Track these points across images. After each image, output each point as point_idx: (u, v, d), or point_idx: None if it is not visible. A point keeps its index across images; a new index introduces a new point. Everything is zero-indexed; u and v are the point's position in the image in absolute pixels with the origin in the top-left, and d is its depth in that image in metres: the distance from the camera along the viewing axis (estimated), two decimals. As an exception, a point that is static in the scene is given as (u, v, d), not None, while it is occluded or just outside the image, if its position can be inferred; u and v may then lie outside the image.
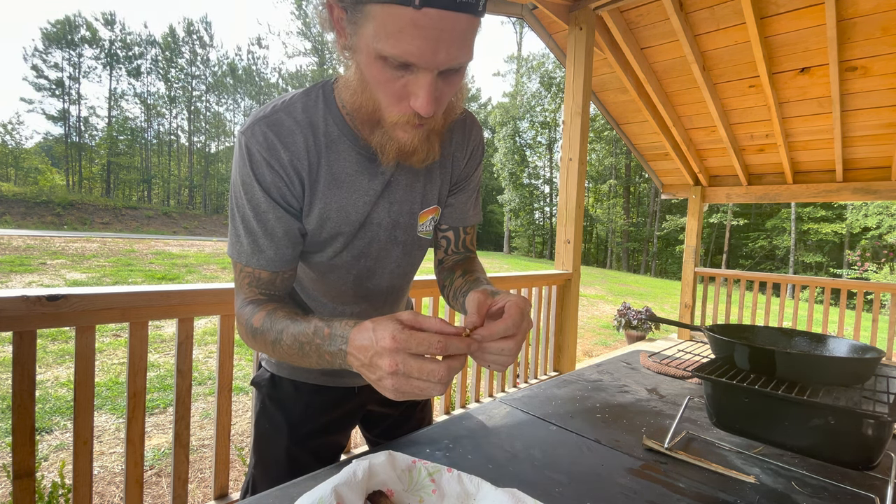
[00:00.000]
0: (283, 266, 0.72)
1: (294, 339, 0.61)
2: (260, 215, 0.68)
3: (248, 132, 0.66)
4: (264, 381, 0.89)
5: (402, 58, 0.53)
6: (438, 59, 0.53)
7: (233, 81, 40.09)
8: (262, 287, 0.72)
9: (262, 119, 0.67)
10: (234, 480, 2.22)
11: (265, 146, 0.66)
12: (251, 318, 0.68)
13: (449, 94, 0.61)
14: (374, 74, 0.57)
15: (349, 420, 0.95)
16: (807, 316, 4.47)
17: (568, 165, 3.14)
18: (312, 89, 0.71)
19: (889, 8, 2.80)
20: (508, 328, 0.56)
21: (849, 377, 0.69)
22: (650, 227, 30.91)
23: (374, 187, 0.73)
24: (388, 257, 0.80)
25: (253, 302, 0.71)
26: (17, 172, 32.77)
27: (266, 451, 0.87)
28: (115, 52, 35.11)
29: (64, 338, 4.29)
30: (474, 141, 0.84)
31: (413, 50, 0.52)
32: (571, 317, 3.20)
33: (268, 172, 0.67)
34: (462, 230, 0.89)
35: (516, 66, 35.52)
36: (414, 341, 0.49)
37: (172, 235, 21.68)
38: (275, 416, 0.87)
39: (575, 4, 3.09)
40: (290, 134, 0.67)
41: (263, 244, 0.69)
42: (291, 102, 0.69)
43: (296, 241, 0.72)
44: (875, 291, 4.22)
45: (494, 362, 0.58)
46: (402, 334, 0.50)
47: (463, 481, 0.57)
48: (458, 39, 0.53)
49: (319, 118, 0.69)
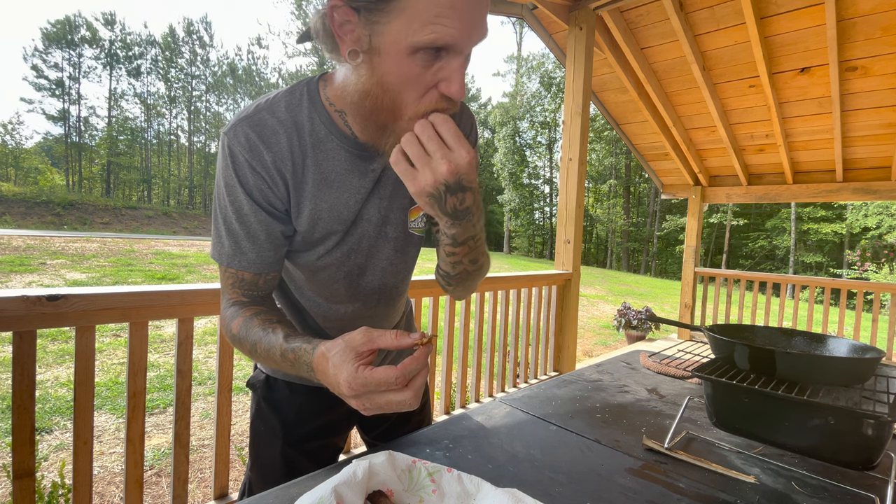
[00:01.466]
0: (264, 269, 0.71)
1: (267, 352, 0.63)
2: (242, 217, 0.67)
3: (230, 133, 0.65)
4: (259, 383, 0.89)
5: (441, 41, 0.53)
6: (474, 38, 0.55)
7: (233, 81, 40.09)
8: (245, 288, 0.72)
9: (244, 119, 0.66)
10: (233, 480, 2.22)
11: (247, 147, 0.65)
12: (231, 322, 0.69)
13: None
14: (404, 71, 0.56)
15: (345, 423, 0.93)
16: (807, 316, 4.47)
17: (568, 165, 3.14)
18: (296, 88, 0.70)
19: (889, 8, 2.80)
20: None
21: (849, 377, 0.69)
22: (650, 227, 30.91)
23: (365, 185, 0.72)
24: (380, 254, 0.79)
25: (235, 304, 0.71)
26: (17, 172, 32.76)
27: (261, 452, 0.87)
28: (115, 52, 35.12)
29: (64, 338, 4.29)
30: (464, 128, 0.80)
31: (453, 32, 0.52)
32: (571, 317, 3.20)
33: (250, 174, 0.66)
34: None
35: (516, 66, 35.53)
36: (372, 384, 0.50)
37: (172, 235, 21.68)
38: (270, 417, 0.87)
39: (575, 4, 3.09)
40: (274, 134, 0.66)
41: (245, 246, 0.69)
42: (274, 101, 0.68)
43: (278, 243, 0.71)
44: (875, 291, 4.22)
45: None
46: (357, 381, 0.50)
47: (463, 481, 0.57)
48: (483, 18, 0.55)
49: (304, 117, 0.68)
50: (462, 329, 2.51)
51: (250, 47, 59.51)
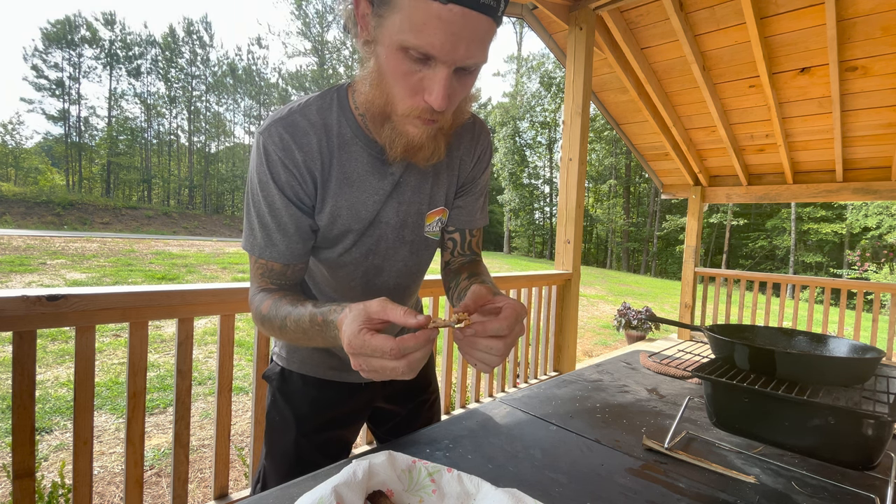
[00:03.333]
0: (293, 259, 0.75)
1: (296, 323, 0.66)
2: (274, 211, 0.72)
3: (265, 133, 0.70)
4: (275, 375, 0.93)
5: (423, 49, 0.55)
6: (457, 54, 0.56)
7: (233, 81, 40.09)
8: (274, 278, 0.76)
9: (279, 120, 0.70)
10: (233, 480, 2.22)
11: (281, 146, 0.69)
12: (260, 305, 0.72)
13: (461, 94, 0.63)
14: (393, 66, 0.59)
15: (357, 416, 0.96)
16: (807, 316, 4.47)
17: (568, 165, 3.14)
18: (328, 93, 0.75)
19: (889, 8, 2.79)
20: (502, 328, 0.57)
21: (849, 377, 0.69)
22: (650, 227, 30.90)
23: (384, 187, 0.76)
24: (396, 256, 0.83)
25: (264, 290, 0.75)
26: (17, 172, 32.75)
27: (276, 443, 0.90)
28: (115, 52, 35.08)
29: (64, 338, 4.29)
30: (482, 145, 0.87)
31: (435, 42, 0.54)
32: (571, 317, 3.20)
33: (283, 171, 0.70)
34: (468, 232, 0.91)
35: (516, 66, 35.51)
36: (368, 349, 0.52)
37: (172, 235, 21.68)
38: (284, 409, 0.90)
39: (575, 4, 3.09)
40: (305, 135, 0.71)
41: (276, 238, 0.73)
42: (307, 105, 0.72)
43: (306, 236, 0.75)
44: (875, 291, 4.22)
45: (481, 360, 0.59)
46: (356, 341, 0.52)
47: (463, 481, 0.57)
48: (477, 39, 0.56)
49: (333, 120, 0.72)
50: (462, 329, 2.50)
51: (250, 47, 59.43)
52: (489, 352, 0.57)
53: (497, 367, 0.60)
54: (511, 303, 0.60)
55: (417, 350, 0.53)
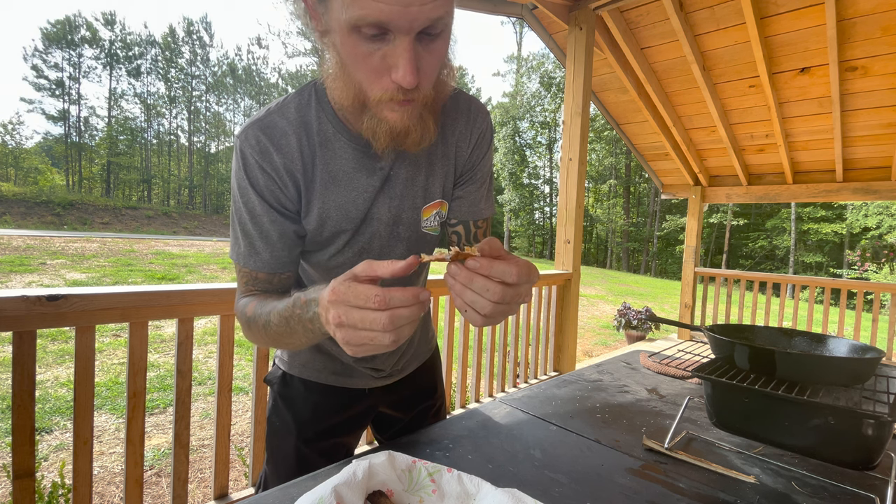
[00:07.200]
0: (278, 268, 0.72)
1: (280, 317, 0.61)
2: (255, 218, 0.68)
3: (242, 136, 0.67)
4: (276, 379, 0.90)
5: (371, 18, 0.49)
6: (411, 12, 0.49)
7: (233, 81, 40.11)
8: (260, 286, 0.73)
9: (255, 122, 0.67)
10: (233, 480, 2.22)
11: (258, 150, 0.66)
12: (245, 308, 0.70)
13: (433, 65, 0.57)
14: (350, 49, 0.54)
15: (359, 422, 0.93)
16: (807, 316, 4.46)
17: (568, 165, 3.14)
18: (305, 89, 0.71)
19: (889, 8, 2.79)
20: (510, 272, 0.49)
21: (849, 377, 0.69)
22: (650, 227, 30.90)
23: (373, 183, 0.72)
24: (392, 254, 0.78)
25: (248, 296, 0.73)
26: (17, 172, 32.75)
27: (277, 448, 0.88)
28: (115, 52, 35.12)
29: (64, 338, 4.29)
30: (480, 127, 0.79)
31: (382, 6, 0.48)
32: (571, 317, 3.20)
33: (261, 176, 0.67)
34: (473, 224, 0.84)
35: (516, 66, 35.51)
36: (351, 293, 0.47)
37: (172, 235, 21.68)
38: (285, 414, 0.88)
39: (575, 4, 3.09)
40: (284, 136, 0.67)
41: (259, 246, 0.70)
42: (285, 104, 0.69)
43: (292, 243, 0.72)
44: (875, 291, 4.22)
45: (472, 304, 0.50)
46: (342, 286, 0.48)
47: (463, 481, 0.57)
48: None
49: (312, 117, 0.69)
50: (462, 329, 2.51)
51: (250, 47, 59.55)
52: (484, 293, 0.49)
53: (486, 323, 0.52)
54: (524, 261, 0.52)
55: (403, 306, 0.47)
